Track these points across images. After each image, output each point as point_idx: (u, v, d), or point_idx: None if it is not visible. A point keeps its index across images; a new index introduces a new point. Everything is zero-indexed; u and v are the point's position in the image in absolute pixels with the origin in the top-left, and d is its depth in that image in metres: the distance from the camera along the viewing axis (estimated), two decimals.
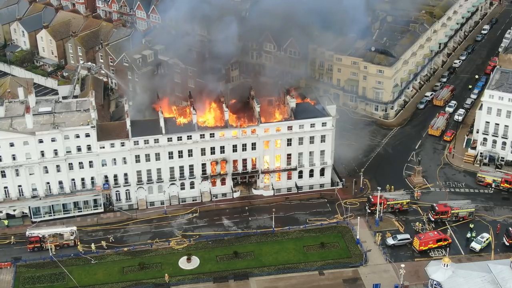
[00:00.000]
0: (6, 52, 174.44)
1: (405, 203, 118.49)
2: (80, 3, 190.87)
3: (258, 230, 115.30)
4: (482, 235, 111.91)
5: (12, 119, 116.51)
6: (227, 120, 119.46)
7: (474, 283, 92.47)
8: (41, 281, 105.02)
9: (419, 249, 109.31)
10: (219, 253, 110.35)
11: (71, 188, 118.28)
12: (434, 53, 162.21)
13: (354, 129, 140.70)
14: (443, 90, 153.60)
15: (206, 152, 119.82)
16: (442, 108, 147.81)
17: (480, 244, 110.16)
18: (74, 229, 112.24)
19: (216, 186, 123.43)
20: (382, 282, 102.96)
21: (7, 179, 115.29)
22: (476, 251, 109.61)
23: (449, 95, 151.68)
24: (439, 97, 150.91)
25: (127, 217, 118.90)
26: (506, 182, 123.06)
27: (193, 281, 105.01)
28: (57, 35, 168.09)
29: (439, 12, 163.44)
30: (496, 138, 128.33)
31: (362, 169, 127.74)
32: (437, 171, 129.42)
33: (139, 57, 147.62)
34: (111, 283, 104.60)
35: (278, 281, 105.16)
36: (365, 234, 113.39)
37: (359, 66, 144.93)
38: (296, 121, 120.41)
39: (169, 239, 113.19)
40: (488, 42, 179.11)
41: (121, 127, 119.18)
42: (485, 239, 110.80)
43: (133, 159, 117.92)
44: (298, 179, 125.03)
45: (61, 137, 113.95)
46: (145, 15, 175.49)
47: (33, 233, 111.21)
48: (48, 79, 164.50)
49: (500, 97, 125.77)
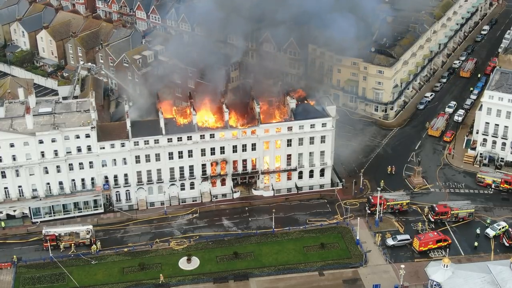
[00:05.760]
0: (6, 53, 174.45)
1: (405, 204, 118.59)
2: (80, 4, 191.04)
3: (258, 231, 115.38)
4: (499, 222, 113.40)
5: (12, 120, 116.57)
6: (227, 121, 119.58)
7: (474, 283, 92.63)
8: (41, 281, 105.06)
9: (419, 250, 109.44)
10: (219, 254, 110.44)
11: (71, 189, 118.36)
12: (434, 54, 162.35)
13: (354, 129, 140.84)
14: (467, 62, 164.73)
15: (206, 152, 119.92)
16: (468, 80, 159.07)
17: (495, 231, 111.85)
18: (90, 228, 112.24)
19: (216, 187, 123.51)
20: (382, 282, 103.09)
21: (7, 179, 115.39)
22: (489, 237, 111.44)
23: (474, 67, 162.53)
24: (465, 69, 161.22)
25: (127, 218, 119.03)
26: (506, 182, 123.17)
27: (193, 282, 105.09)
28: (57, 36, 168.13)
29: (439, 12, 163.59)
30: (495, 139, 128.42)
31: (362, 169, 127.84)
32: (437, 172, 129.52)
33: (139, 57, 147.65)
34: (111, 283, 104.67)
35: (278, 282, 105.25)
36: (365, 235, 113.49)
37: (359, 66, 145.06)
38: (296, 121, 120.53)
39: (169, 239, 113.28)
40: (488, 43, 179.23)
41: (121, 127, 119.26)
42: (500, 227, 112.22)
43: (133, 159, 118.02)
44: (298, 179, 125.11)
45: (61, 137, 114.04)
46: (145, 16, 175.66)
47: (49, 231, 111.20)
48: (48, 80, 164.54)
49: (500, 98, 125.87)
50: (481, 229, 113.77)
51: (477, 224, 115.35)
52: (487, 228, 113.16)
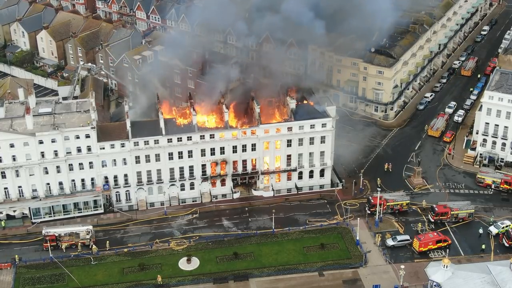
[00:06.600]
0: (6, 53, 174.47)
1: (405, 204, 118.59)
2: (80, 4, 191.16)
3: (258, 231, 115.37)
4: (503, 221, 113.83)
5: (12, 120, 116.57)
6: (227, 121, 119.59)
7: (474, 284, 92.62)
8: (41, 282, 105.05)
9: (419, 250, 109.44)
10: (219, 254, 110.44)
11: (71, 189, 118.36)
12: (434, 54, 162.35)
13: (354, 130, 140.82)
14: (469, 61, 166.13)
15: (206, 153, 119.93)
16: (469, 79, 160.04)
17: (498, 229, 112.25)
18: (90, 228, 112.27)
19: (216, 187, 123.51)
20: (382, 283, 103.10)
21: (7, 180, 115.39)
22: (492, 234, 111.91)
23: (475, 66, 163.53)
24: (466, 68, 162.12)
25: (127, 218, 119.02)
26: (506, 183, 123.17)
27: (193, 282, 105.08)
28: (57, 36, 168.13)
29: (439, 13, 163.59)
30: (495, 139, 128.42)
31: (362, 170, 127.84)
32: (437, 172, 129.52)
33: (139, 58, 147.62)
34: (111, 283, 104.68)
35: (278, 282, 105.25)
36: (365, 235, 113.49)
37: (359, 67, 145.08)
38: (296, 122, 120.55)
39: (169, 240, 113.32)
40: (488, 43, 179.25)
41: (121, 128, 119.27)
42: (504, 225, 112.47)
43: (133, 160, 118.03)
44: (298, 180, 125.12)
45: (61, 138, 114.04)
46: (145, 16, 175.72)
47: (49, 231, 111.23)
48: (48, 80, 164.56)
49: (500, 98, 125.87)
50: (483, 229, 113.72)
51: (477, 225, 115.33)
52: (490, 226, 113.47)
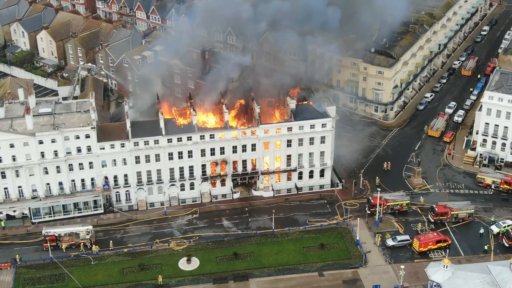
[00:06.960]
0: (6, 53, 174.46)
1: (405, 204, 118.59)
2: (80, 4, 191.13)
3: (258, 231, 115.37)
4: (505, 220, 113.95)
5: (12, 120, 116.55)
6: (227, 121, 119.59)
7: (474, 284, 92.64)
8: (41, 282, 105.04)
9: (419, 250, 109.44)
10: (219, 254, 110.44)
11: (71, 189, 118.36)
12: (434, 54, 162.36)
13: (354, 130, 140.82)
14: (469, 61, 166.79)
15: (206, 153, 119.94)
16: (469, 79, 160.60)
17: (500, 228, 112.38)
18: (90, 228, 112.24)
19: (216, 187, 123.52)
20: (382, 283, 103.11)
21: (7, 180, 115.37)
22: (493, 233, 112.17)
23: (475, 66, 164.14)
24: (467, 67, 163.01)
25: (127, 218, 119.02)
26: (506, 183, 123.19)
27: (193, 282, 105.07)
28: (57, 36, 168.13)
29: (439, 13, 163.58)
30: (495, 139, 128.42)
31: (361, 170, 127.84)
32: (437, 172, 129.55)
33: (139, 58, 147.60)
34: (111, 284, 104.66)
35: (278, 282, 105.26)
36: (365, 235, 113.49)
37: (359, 67, 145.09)
38: (296, 122, 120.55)
39: (169, 240, 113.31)
40: (488, 43, 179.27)
41: (121, 128, 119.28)
42: (506, 225, 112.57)
43: (133, 160, 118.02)
44: (298, 180, 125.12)
45: (61, 138, 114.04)
46: (145, 16, 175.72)
47: (49, 231, 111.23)
48: (48, 80, 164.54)
49: (500, 99, 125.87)
50: (484, 229, 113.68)
51: (477, 225, 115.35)
52: (492, 225, 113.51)
